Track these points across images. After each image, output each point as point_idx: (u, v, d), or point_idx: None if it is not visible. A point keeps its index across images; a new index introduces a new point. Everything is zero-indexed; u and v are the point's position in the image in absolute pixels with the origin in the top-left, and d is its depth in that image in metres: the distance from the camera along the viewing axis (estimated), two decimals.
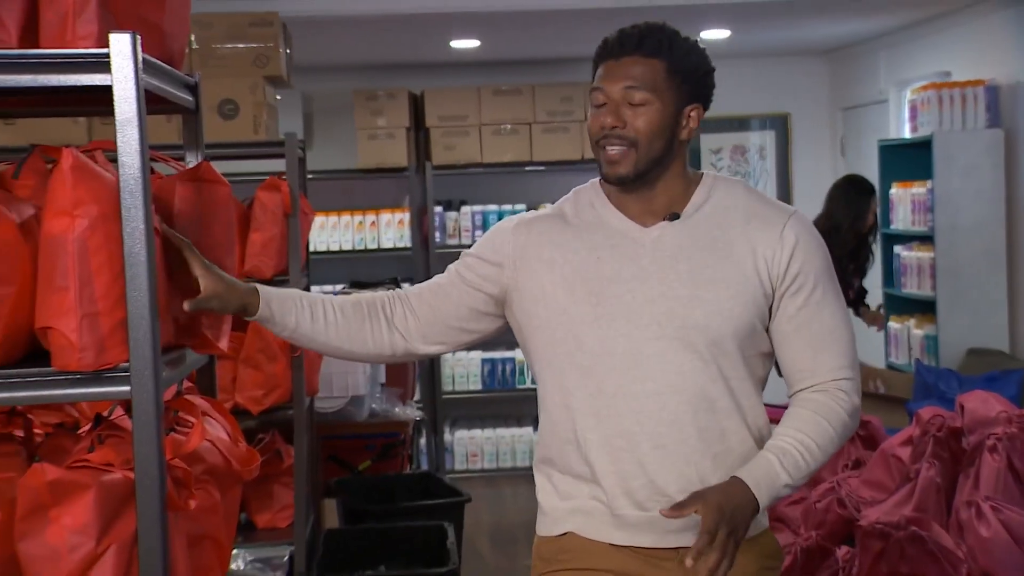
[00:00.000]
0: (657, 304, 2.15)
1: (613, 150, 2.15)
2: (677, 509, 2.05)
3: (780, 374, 2.31)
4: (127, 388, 1.81)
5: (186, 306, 2.01)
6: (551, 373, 2.24)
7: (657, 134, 2.15)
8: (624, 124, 2.15)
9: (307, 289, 4.33)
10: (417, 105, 7.49)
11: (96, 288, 1.78)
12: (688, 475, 2.16)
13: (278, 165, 4.15)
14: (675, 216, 2.20)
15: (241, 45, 4.41)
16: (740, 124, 8.36)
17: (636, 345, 2.16)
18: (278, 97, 4.90)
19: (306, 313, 2.23)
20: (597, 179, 2.28)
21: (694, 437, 2.16)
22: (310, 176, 5.64)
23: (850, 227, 5.57)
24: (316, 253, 6.87)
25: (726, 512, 2.04)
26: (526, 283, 2.24)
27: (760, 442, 2.21)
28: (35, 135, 3.54)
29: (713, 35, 7.18)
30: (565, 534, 2.25)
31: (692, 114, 2.21)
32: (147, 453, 1.81)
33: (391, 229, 7.49)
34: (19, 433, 2.12)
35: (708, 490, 2.08)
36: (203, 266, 2.03)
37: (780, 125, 8.37)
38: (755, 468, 2.12)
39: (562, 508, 2.25)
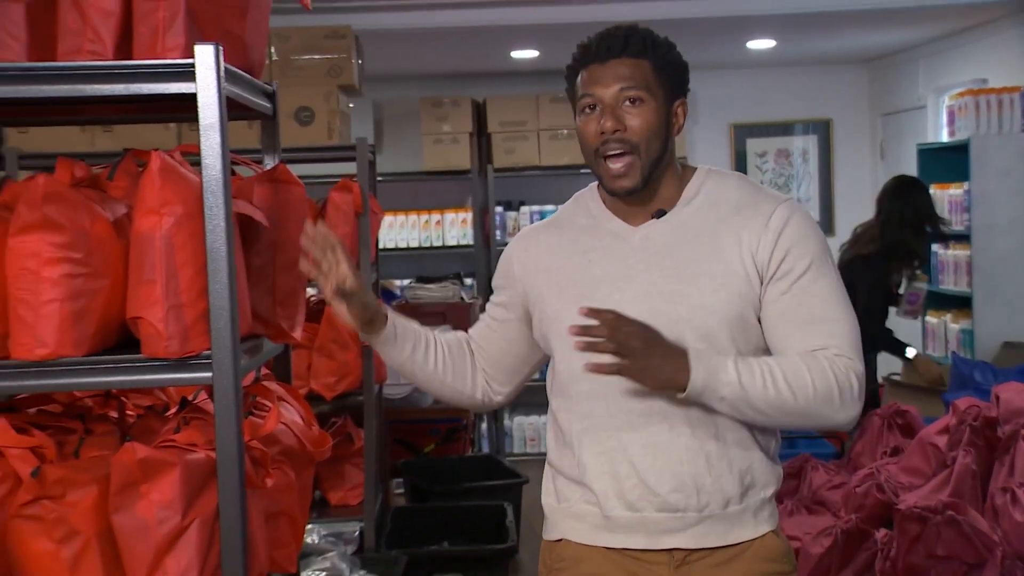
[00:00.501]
0: (642, 301, 1.99)
1: (617, 164, 2.00)
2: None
3: None
4: (209, 374, 1.83)
5: (333, 301, 2.01)
6: (553, 377, 2.14)
7: (655, 133, 2.01)
8: (624, 127, 2.00)
9: (376, 284, 4.36)
10: (480, 112, 7.49)
11: (181, 281, 1.80)
12: (680, 474, 1.99)
13: (350, 168, 4.17)
14: (661, 213, 2.06)
15: (317, 56, 4.44)
16: (784, 129, 8.27)
17: None
18: (351, 105, 4.93)
19: (422, 342, 2.14)
20: (595, 183, 2.15)
21: (686, 435, 1.99)
22: (380, 178, 5.67)
23: (910, 222, 5.39)
24: (385, 250, 6.90)
25: (651, 332, 1.89)
26: (532, 295, 2.13)
27: (759, 439, 2.04)
28: (131, 141, 3.57)
29: (759, 45, 7.12)
30: (560, 540, 2.12)
31: (679, 109, 2.07)
32: (227, 435, 1.83)
33: (455, 228, 7.50)
34: (113, 415, 2.15)
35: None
36: (353, 266, 2.02)
37: (822, 130, 8.27)
38: (707, 354, 1.93)
39: (558, 512, 2.12)
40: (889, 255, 5.17)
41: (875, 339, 5.23)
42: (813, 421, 2.02)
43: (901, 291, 5.44)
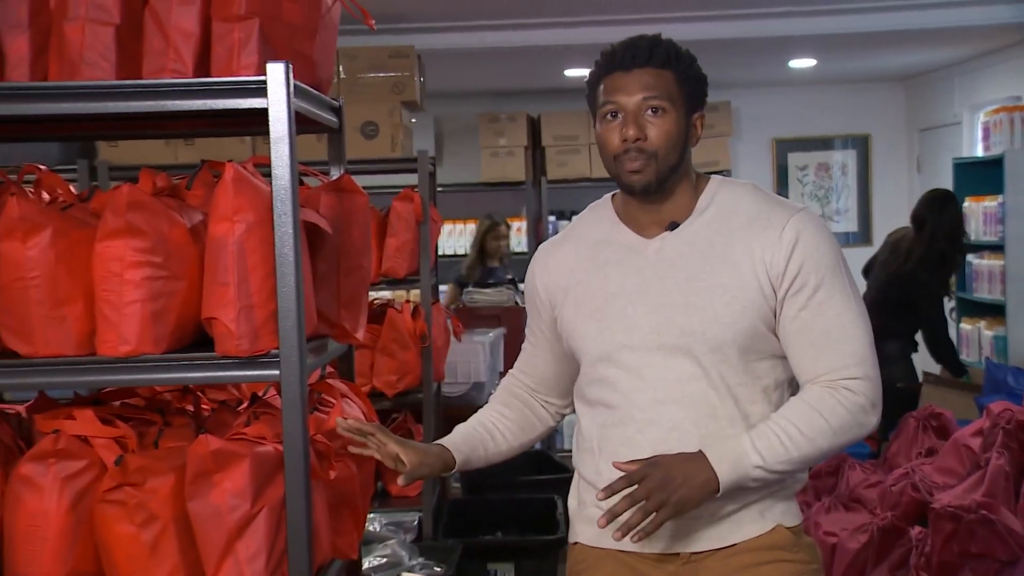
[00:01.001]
0: (656, 314, 1.93)
1: (635, 163, 1.92)
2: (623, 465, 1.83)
3: None
4: (276, 372, 1.83)
5: (401, 481, 1.93)
6: (577, 387, 2.08)
7: (674, 144, 1.93)
8: (645, 136, 1.92)
9: (435, 288, 4.36)
10: (534, 126, 7.48)
11: (251, 284, 1.81)
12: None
13: (412, 179, 4.17)
14: (674, 225, 1.97)
15: (381, 74, 4.46)
16: (824, 144, 8.19)
17: (637, 356, 1.94)
18: (413, 120, 4.94)
19: (487, 438, 2.10)
20: (610, 195, 2.08)
21: (696, 445, 1.89)
22: (440, 189, 5.68)
23: (946, 234, 5.32)
24: (444, 256, 6.92)
25: (662, 468, 1.80)
26: (556, 312, 2.06)
27: None
28: (210, 153, 3.61)
29: (800, 63, 7.05)
30: (576, 544, 2.06)
31: (698, 122, 1.99)
32: (293, 429, 1.83)
33: (510, 235, 7.51)
34: (190, 408, 2.17)
35: (661, 455, 1.85)
36: (401, 444, 1.94)
37: (861, 145, 8.17)
38: (723, 445, 1.86)
39: (578, 515, 2.06)
40: (935, 266, 5.12)
41: (938, 350, 5.19)
42: (844, 448, 1.99)
43: None
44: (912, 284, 5.06)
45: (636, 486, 1.80)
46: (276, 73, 1.80)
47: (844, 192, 8.22)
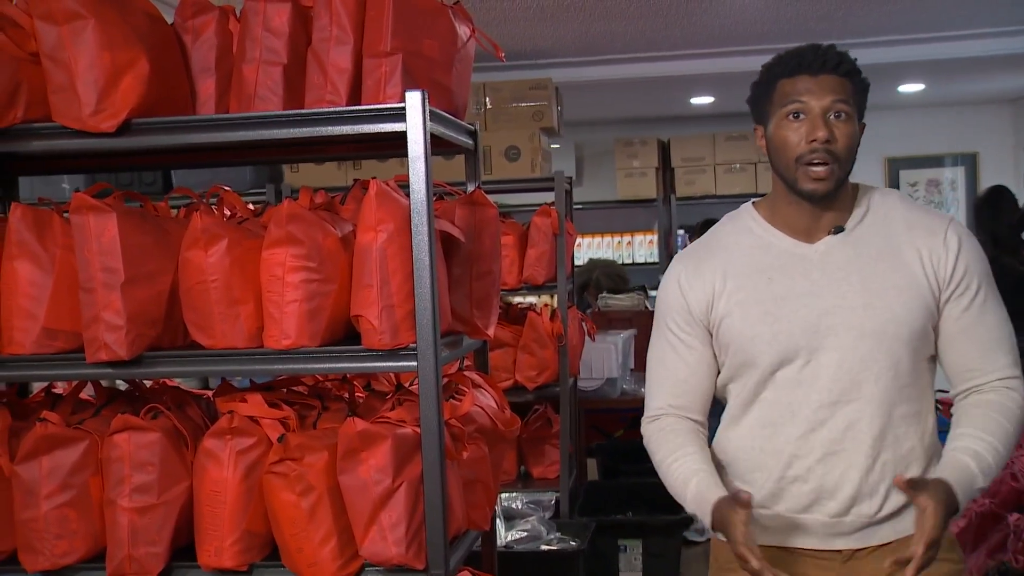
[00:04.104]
0: (833, 315, 1.79)
1: (820, 168, 1.77)
2: (909, 487, 1.69)
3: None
4: (414, 363, 1.84)
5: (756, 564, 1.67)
6: (736, 386, 1.89)
7: (853, 150, 1.80)
8: (835, 139, 1.77)
9: (571, 293, 4.34)
10: (664, 149, 7.39)
11: (392, 285, 1.83)
12: (853, 479, 1.79)
13: (550, 196, 4.16)
14: (840, 229, 1.84)
15: (523, 104, 4.47)
16: (935, 161, 7.82)
17: (814, 357, 1.79)
18: (553, 145, 4.93)
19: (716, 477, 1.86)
20: (749, 203, 1.94)
21: (867, 444, 1.78)
22: (579, 206, 5.66)
23: (1008, 229, 4.98)
24: (582, 266, 6.89)
25: (943, 520, 1.66)
26: (714, 319, 1.87)
27: (927, 447, 1.83)
28: (376, 174, 3.68)
29: (909, 88, 6.75)
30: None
31: (861, 133, 1.85)
32: (430, 414, 1.84)
33: (642, 248, 7.46)
34: (347, 395, 2.21)
35: (930, 489, 1.68)
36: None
37: (970, 162, 7.76)
38: (956, 471, 1.72)
39: None
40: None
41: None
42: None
43: None
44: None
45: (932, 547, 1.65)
46: (414, 100, 1.81)
47: (953, 206, 7.83)
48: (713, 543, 1.96)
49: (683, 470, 1.84)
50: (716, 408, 1.96)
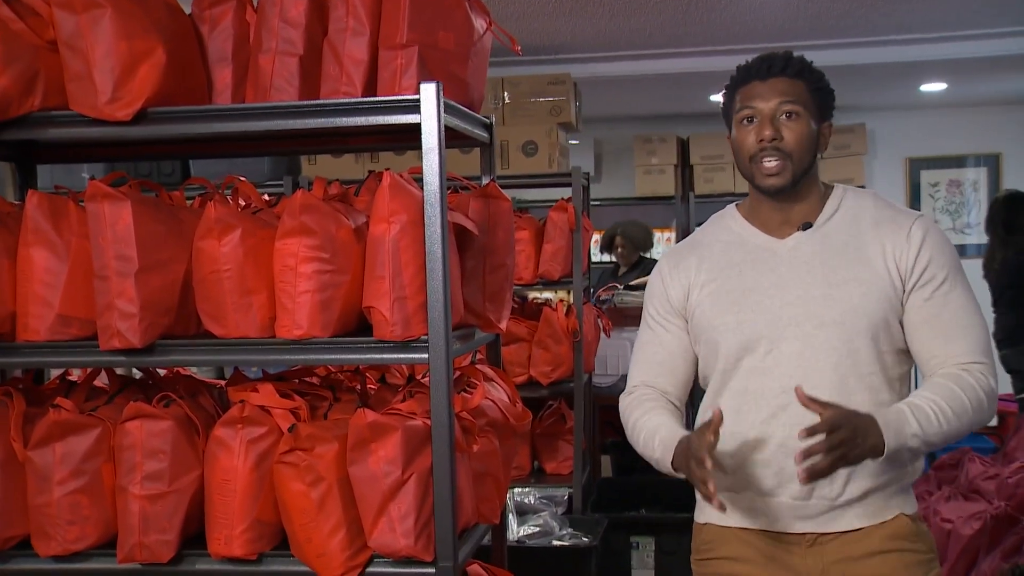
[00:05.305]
0: (795, 306, 1.87)
1: (771, 164, 1.87)
2: (811, 402, 1.71)
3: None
4: (425, 355, 1.83)
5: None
6: (709, 376, 1.98)
7: (807, 147, 1.88)
8: (781, 137, 1.87)
9: (587, 289, 4.32)
10: (683, 147, 7.35)
11: (404, 277, 1.82)
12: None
13: (567, 192, 4.15)
14: (808, 225, 1.92)
15: (541, 99, 4.45)
16: (956, 162, 7.74)
17: (775, 346, 1.87)
18: (572, 141, 4.91)
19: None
20: (733, 205, 2.04)
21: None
22: (597, 202, 5.62)
23: None
24: (600, 263, 6.87)
25: (850, 425, 1.69)
26: (689, 308, 1.98)
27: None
28: (393, 167, 3.68)
29: (931, 87, 6.68)
30: (706, 524, 1.99)
31: (826, 131, 1.94)
32: (440, 406, 1.83)
33: (660, 244, 7.42)
34: (358, 386, 2.20)
35: (843, 408, 1.74)
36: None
37: (992, 163, 7.68)
38: (887, 412, 1.77)
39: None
40: None
41: None
42: (972, 430, 1.87)
43: None
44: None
45: (831, 434, 1.68)
46: (428, 92, 1.80)
47: (975, 207, 7.75)
48: (694, 528, 2.04)
49: (651, 423, 1.94)
50: None
